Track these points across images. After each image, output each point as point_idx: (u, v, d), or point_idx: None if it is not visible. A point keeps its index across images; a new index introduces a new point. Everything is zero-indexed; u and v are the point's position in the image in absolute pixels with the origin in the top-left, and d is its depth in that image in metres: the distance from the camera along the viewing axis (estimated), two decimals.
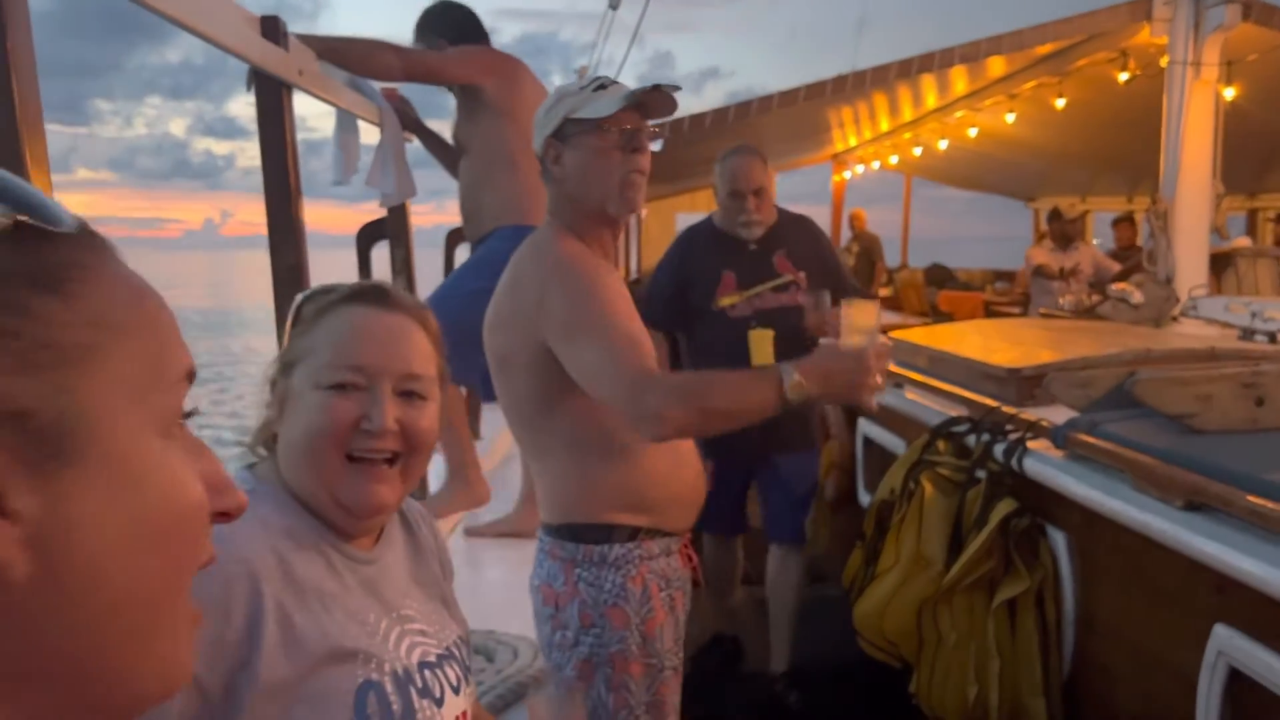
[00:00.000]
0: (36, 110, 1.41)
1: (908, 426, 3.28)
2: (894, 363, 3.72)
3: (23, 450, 0.37)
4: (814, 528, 3.44)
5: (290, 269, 2.20)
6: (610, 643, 1.78)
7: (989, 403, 2.86)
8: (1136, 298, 4.55)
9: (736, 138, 7.49)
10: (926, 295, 10.73)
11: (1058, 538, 2.46)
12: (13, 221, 0.38)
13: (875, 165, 11.83)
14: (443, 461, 3.11)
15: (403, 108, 3.18)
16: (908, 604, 2.63)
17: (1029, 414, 2.70)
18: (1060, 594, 2.44)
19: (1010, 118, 7.55)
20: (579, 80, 1.87)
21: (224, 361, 21.34)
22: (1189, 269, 4.92)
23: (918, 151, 10.22)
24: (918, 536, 2.67)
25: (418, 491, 2.96)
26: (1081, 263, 7.00)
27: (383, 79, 2.96)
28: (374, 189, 3.08)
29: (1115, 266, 6.98)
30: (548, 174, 1.85)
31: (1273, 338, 3.63)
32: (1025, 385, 2.88)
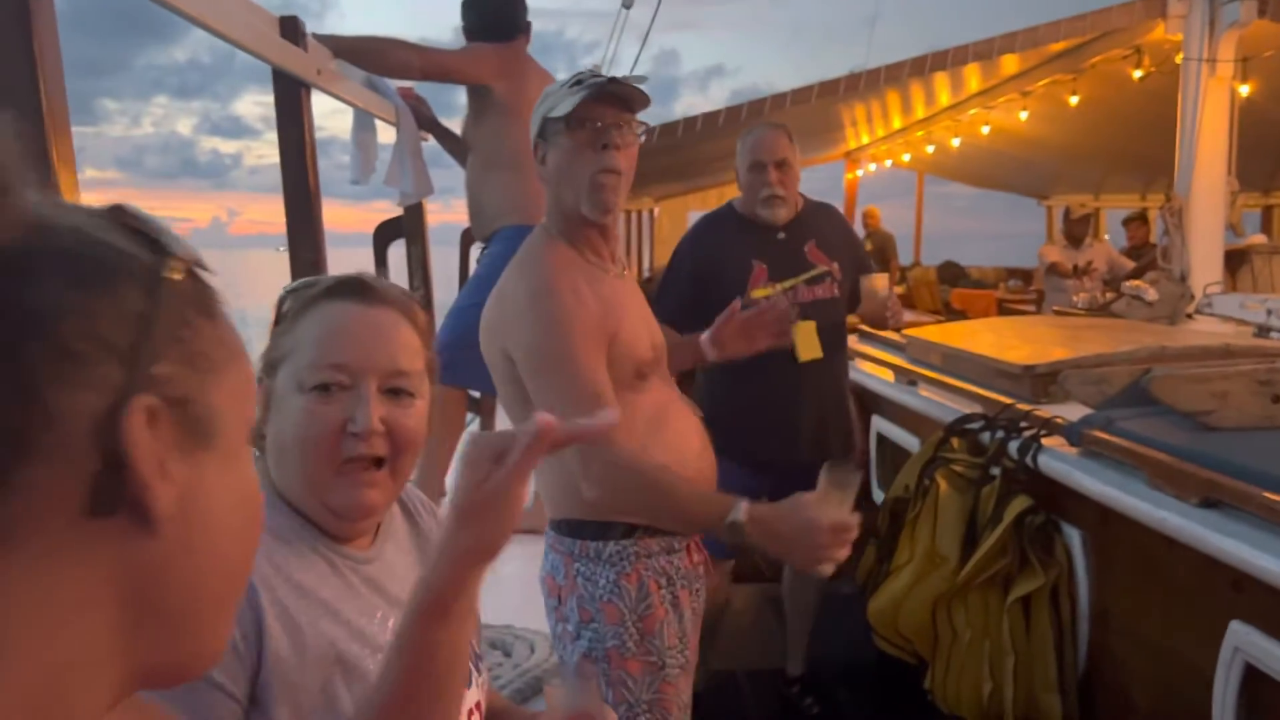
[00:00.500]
0: (63, 112, 1.43)
1: (922, 424, 3.28)
2: (908, 360, 3.73)
3: (180, 429, 0.49)
4: None
5: (310, 267, 2.22)
6: (606, 638, 1.79)
7: (1003, 400, 2.86)
8: (1151, 295, 4.54)
9: None
10: (939, 293, 10.70)
11: (1072, 534, 2.46)
12: (188, 267, 0.51)
13: (888, 163, 11.80)
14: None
15: (419, 106, 3.20)
16: (922, 600, 2.64)
17: (1043, 411, 2.70)
18: (1075, 591, 2.45)
19: (1024, 115, 7.52)
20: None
21: None
22: (1204, 266, 4.90)
23: (930, 149, 10.19)
24: (932, 533, 2.67)
25: None
26: (1095, 260, 6.98)
27: (400, 77, 2.98)
28: (392, 188, 3.10)
29: (1129, 264, 6.95)
30: (540, 175, 1.84)
31: None
32: (1040, 382, 2.88)
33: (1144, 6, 5.22)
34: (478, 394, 3.67)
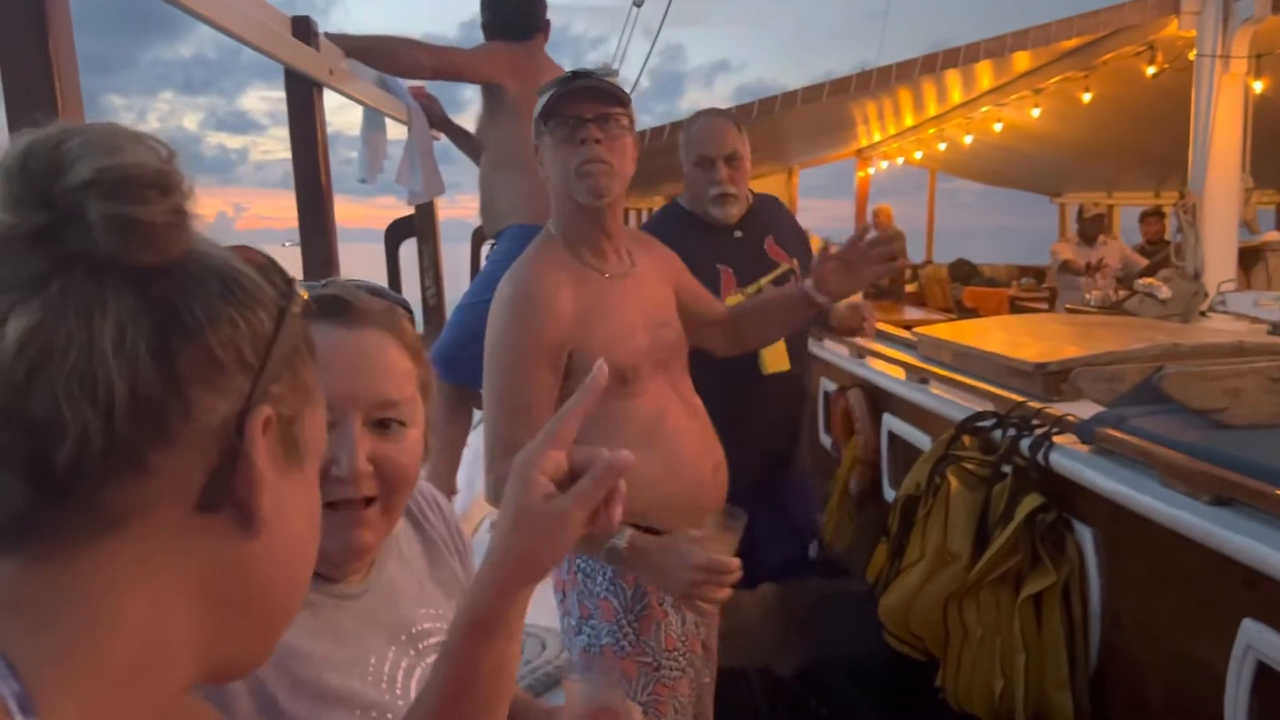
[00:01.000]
0: (78, 111, 1.44)
1: (933, 422, 3.28)
2: (919, 358, 3.72)
3: (283, 444, 0.55)
4: (834, 522, 3.41)
5: (322, 265, 2.23)
6: (602, 634, 1.80)
7: (1015, 398, 2.86)
8: (1164, 293, 4.52)
9: (760, 134, 7.49)
10: (951, 291, 10.67)
11: (1084, 532, 2.45)
12: (303, 305, 0.58)
13: (899, 161, 11.77)
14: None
15: (430, 105, 3.21)
16: (933, 598, 2.64)
17: (1055, 409, 2.69)
18: (1086, 589, 2.44)
19: (1036, 112, 7.49)
20: None
21: None
22: (1217, 263, 4.88)
23: (942, 147, 10.16)
24: (943, 531, 2.67)
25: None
26: (1108, 258, 6.96)
27: (411, 77, 2.99)
28: (402, 186, 3.11)
29: (1142, 261, 6.93)
30: (541, 175, 1.87)
31: None
32: (1051, 380, 2.87)
33: (1157, 3, 5.19)
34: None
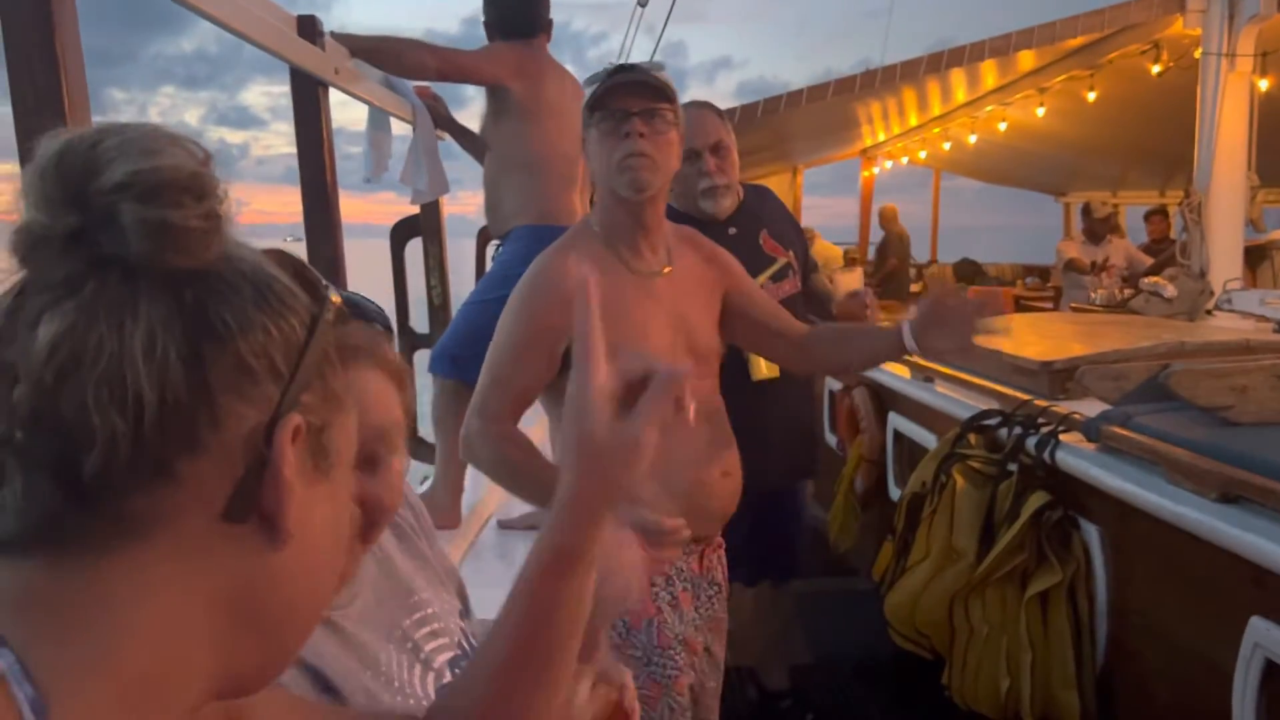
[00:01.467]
0: (84, 106, 1.45)
1: (938, 420, 3.28)
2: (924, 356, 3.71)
3: (313, 452, 0.54)
4: (840, 521, 3.42)
5: (327, 263, 2.24)
6: None
7: (1021, 396, 2.86)
8: (1170, 291, 4.52)
9: (765, 133, 7.49)
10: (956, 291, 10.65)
11: (1090, 530, 2.45)
12: (335, 311, 0.56)
13: (904, 160, 11.76)
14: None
15: (435, 105, 3.21)
16: (939, 596, 2.64)
17: (1061, 407, 2.69)
18: (1093, 587, 2.44)
19: (1041, 111, 7.47)
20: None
21: None
22: (1223, 262, 4.87)
23: (947, 146, 10.15)
24: (949, 529, 2.67)
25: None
26: (1113, 256, 6.94)
27: (416, 78, 2.99)
28: (407, 185, 3.12)
29: (1147, 260, 6.91)
30: (589, 167, 1.88)
31: None
32: (1057, 378, 2.87)
33: (1162, 1, 5.18)
34: None
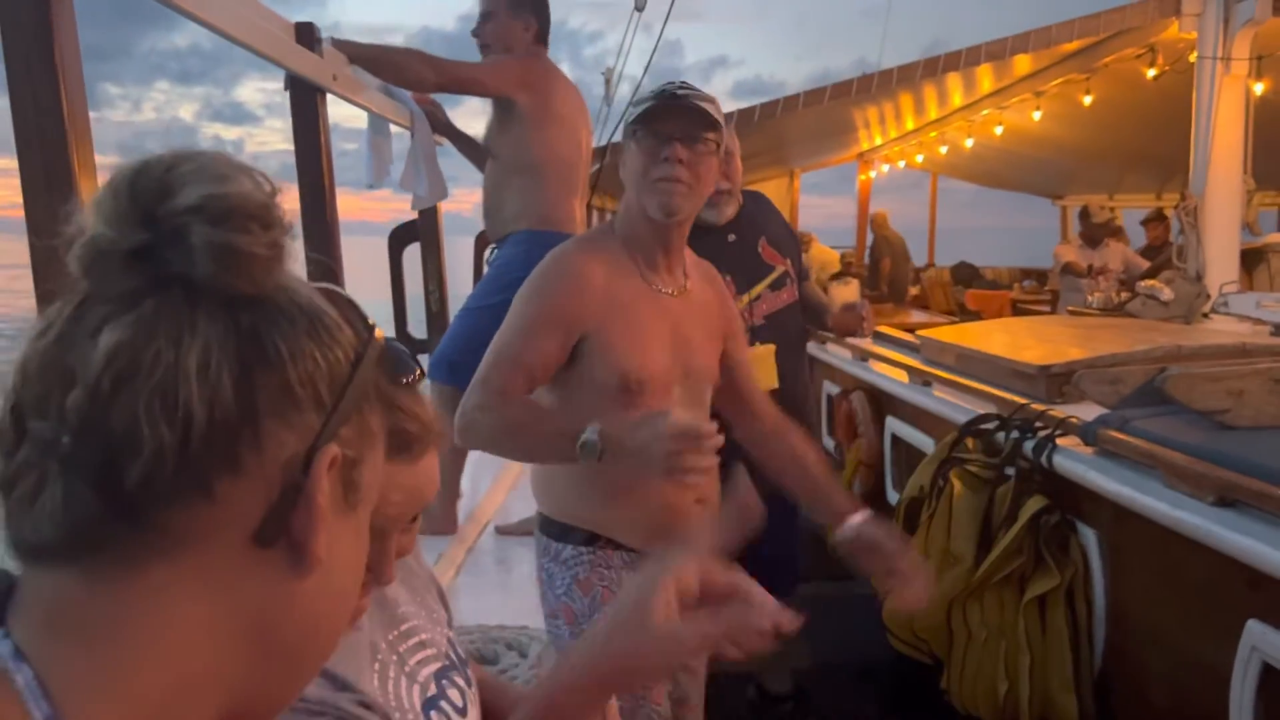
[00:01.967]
0: (82, 105, 1.45)
1: (936, 424, 3.28)
2: (922, 361, 3.73)
3: (344, 485, 0.54)
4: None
5: (325, 268, 2.24)
6: (565, 637, 1.81)
7: (1018, 400, 2.86)
8: (1166, 294, 4.53)
9: (762, 138, 7.50)
10: (953, 294, 10.67)
11: (1088, 534, 2.46)
12: (380, 351, 0.57)
13: (901, 164, 11.78)
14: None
15: (434, 111, 3.22)
16: (938, 601, 2.63)
17: (1058, 411, 2.69)
18: (1091, 590, 2.44)
19: (1037, 115, 7.49)
20: (650, 88, 1.83)
21: None
22: (1220, 265, 4.88)
23: (943, 150, 10.17)
24: (947, 533, 2.68)
25: None
26: (1110, 260, 6.95)
27: (416, 90, 3.00)
28: (406, 190, 3.13)
29: (1144, 264, 6.92)
30: (621, 176, 1.86)
31: None
32: (1054, 382, 2.88)
33: (1158, 5, 5.20)
34: None
